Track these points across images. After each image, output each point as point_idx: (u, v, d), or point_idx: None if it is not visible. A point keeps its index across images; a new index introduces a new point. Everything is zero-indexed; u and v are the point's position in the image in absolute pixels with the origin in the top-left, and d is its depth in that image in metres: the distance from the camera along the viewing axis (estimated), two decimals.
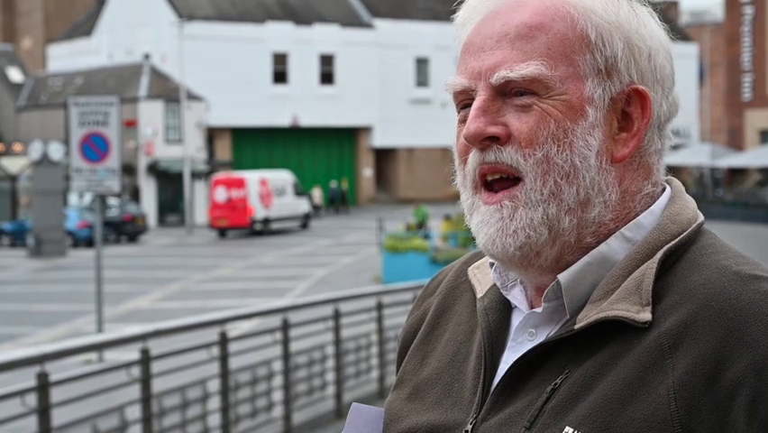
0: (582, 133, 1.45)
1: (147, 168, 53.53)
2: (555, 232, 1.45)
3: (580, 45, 1.46)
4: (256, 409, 10.87)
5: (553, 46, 1.46)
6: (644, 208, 1.48)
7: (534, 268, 1.47)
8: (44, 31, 78.57)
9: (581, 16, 1.47)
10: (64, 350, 8.14)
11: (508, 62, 1.45)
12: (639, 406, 1.34)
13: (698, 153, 60.30)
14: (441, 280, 1.68)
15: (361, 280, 27.56)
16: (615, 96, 1.47)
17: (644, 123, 1.47)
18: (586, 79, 1.46)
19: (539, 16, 1.47)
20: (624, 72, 1.47)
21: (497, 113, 1.46)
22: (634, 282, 1.42)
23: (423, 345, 1.62)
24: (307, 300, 13.13)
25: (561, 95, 1.45)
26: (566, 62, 1.46)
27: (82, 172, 17.05)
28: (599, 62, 1.46)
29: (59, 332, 20.36)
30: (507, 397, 1.44)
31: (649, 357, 1.36)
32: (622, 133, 1.47)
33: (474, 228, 1.48)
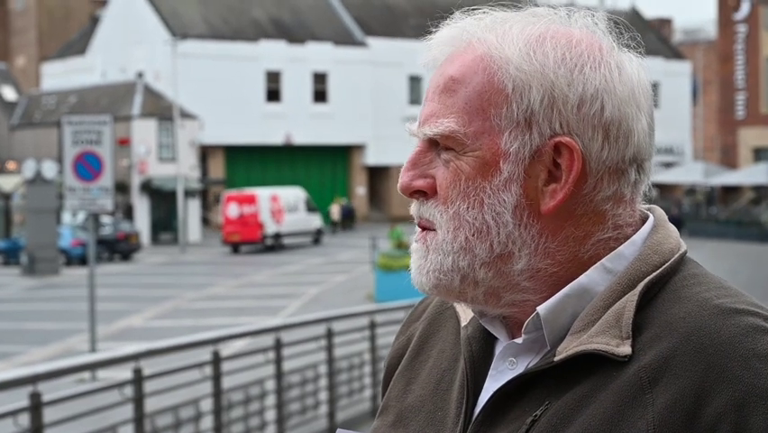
0: (495, 190, 1.43)
1: (140, 186, 53.52)
2: (471, 280, 1.45)
3: (496, 98, 1.44)
4: (249, 428, 10.85)
5: (470, 100, 1.44)
6: (603, 251, 1.45)
7: (472, 304, 1.49)
8: (38, 49, 78.62)
9: (500, 69, 1.44)
10: (57, 370, 8.13)
11: (434, 117, 1.47)
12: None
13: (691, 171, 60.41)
14: (427, 306, 1.68)
15: (354, 299, 27.54)
16: (539, 149, 1.43)
17: (573, 174, 1.42)
18: (502, 133, 1.43)
19: (463, 69, 1.46)
20: (544, 124, 1.43)
21: (428, 165, 1.48)
22: (614, 315, 1.40)
23: (407, 372, 1.61)
24: (300, 320, 13.13)
25: (474, 151, 1.44)
26: (481, 117, 1.44)
27: (75, 191, 17.06)
28: (516, 115, 1.43)
29: (52, 350, 20.32)
30: (487, 427, 1.43)
31: (629, 392, 1.35)
32: (551, 185, 1.43)
33: None
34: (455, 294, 1.47)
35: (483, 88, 1.44)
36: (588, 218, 1.45)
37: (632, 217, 1.48)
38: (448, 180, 1.45)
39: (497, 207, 1.43)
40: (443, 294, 1.49)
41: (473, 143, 1.44)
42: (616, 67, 1.46)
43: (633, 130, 1.45)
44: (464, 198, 1.44)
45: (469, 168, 1.44)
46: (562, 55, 1.44)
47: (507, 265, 1.44)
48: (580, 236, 1.45)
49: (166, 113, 53.68)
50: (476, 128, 1.44)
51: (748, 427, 1.31)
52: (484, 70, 1.45)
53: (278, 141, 60.95)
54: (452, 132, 1.44)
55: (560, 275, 1.44)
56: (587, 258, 1.45)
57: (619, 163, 1.45)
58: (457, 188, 1.45)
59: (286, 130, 60.95)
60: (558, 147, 1.43)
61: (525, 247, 1.43)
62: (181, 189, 50.56)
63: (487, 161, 1.44)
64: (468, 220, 1.44)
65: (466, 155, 1.44)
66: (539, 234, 1.43)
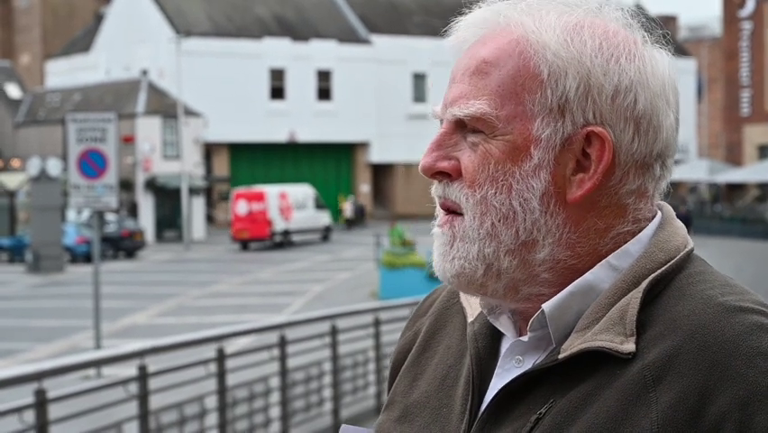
0: (524, 176, 1.42)
1: (145, 183, 53.56)
2: (496, 269, 1.44)
3: (531, 83, 1.42)
4: (253, 425, 10.87)
5: (503, 84, 1.43)
6: (620, 245, 1.45)
7: (489, 296, 1.47)
8: (42, 47, 78.68)
9: (537, 53, 1.43)
10: (62, 367, 8.15)
11: (463, 98, 1.44)
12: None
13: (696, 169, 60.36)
14: (433, 301, 1.67)
15: (358, 297, 27.55)
16: (570, 137, 1.42)
17: (602, 165, 1.42)
18: (534, 119, 1.42)
19: (497, 52, 1.44)
20: (577, 112, 1.42)
21: (453, 147, 1.46)
22: (618, 312, 1.40)
23: (413, 367, 1.61)
24: (304, 317, 13.14)
25: (505, 135, 1.43)
26: (514, 101, 1.42)
27: (80, 189, 17.08)
28: (550, 101, 1.42)
29: (56, 347, 20.35)
30: (492, 425, 1.43)
31: (632, 390, 1.35)
32: (579, 174, 1.43)
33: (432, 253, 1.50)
34: (476, 285, 1.46)
35: (518, 72, 1.43)
36: (610, 211, 1.44)
37: (650, 213, 1.48)
38: (475, 164, 1.44)
39: (524, 193, 1.42)
40: (464, 284, 1.47)
41: (504, 127, 1.43)
42: (649, 60, 1.46)
43: (662, 125, 1.45)
44: (492, 182, 1.43)
45: (498, 152, 1.43)
46: (599, 44, 1.44)
47: (530, 254, 1.43)
48: (601, 229, 1.44)
49: (170, 110, 53.71)
50: (508, 112, 1.43)
51: (752, 425, 1.31)
52: (520, 54, 1.44)
53: (282, 138, 60.96)
54: (483, 114, 1.43)
55: (577, 268, 1.44)
56: (605, 252, 1.45)
57: (647, 158, 1.45)
58: (485, 172, 1.43)
59: (290, 127, 60.97)
60: (589, 137, 1.43)
61: (549, 236, 1.43)
62: (185, 187, 50.58)
63: (517, 146, 1.43)
64: (495, 205, 1.43)
65: (496, 138, 1.43)
66: (564, 223, 1.43)
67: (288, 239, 48.41)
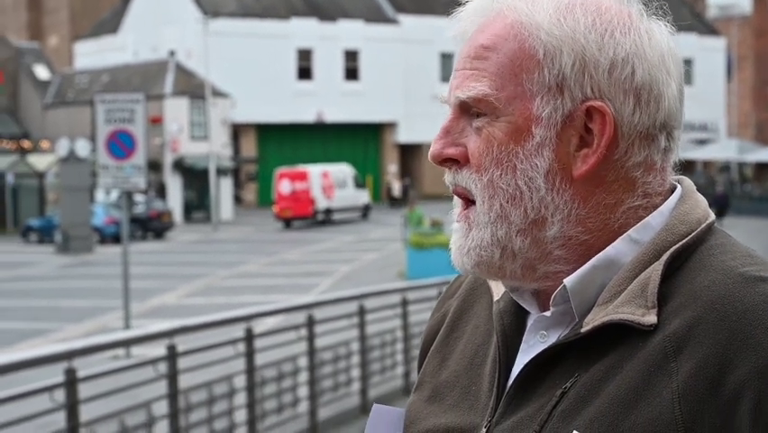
0: (527, 155, 1.45)
1: (173, 164, 53.70)
2: (510, 251, 1.46)
3: (528, 64, 1.45)
4: (282, 404, 10.92)
5: (502, 66, 1.45)
6: (632, 220, 1.46)
7: (509, 279, 1.49)
8: (70, 28, 78.91)
9: (531, 35, 1.45)
10: (92, 346, 8.22)
11: (464, 83, 1.47)
12: (644, 410, 1.34)
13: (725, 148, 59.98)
14: (461, 283, 1.69)
15: (386, 277, 27.58)
16: (570, 113, 1.44)
17: (605, 139, 1.44)
18: (534, 98, 1.45)
19: (494, 37, 1.47)
20: (575, 88, 1.44)
21: (460, 133, 1.49)
22: (639, 285, 1.41)
23: (442, 348, 1.63)
24: (332, 297, 13.17)
25: (506, 116, 1.45)
26: (514, 82, 1.45)
27: (108, 169, 17.14)
28: (548, 80, 1.44)
29: (86, 328, 20.48)
30: (519, 400, 1.45)
31: (653, 361, 1.36)
32: (583, 150, 1.45)
33: None
34: (495, 270, 1.48)
35: (515, 54, 1.46)
36: (618, 185, 1.46)
37: (661, 186, 1.48)
38: (480, 148, 1.47)
39: (529, 172, 1.45)
40: (484, 272, 1.50)
41: (506, 108, 1.45)
42: (645, 32, 1.47)
43: (663, 94, 1.46)
44: (497, 164, 1.45)
45: (501, 134, 1.45)
46: (592, 21, 1.45)
47: (540, 232, 1.45)
48: (610, 204, 1.45)
49: (198, 91, 53.80)
50: (508, 93, 1.45)
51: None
52: (515, 37, 1.46)
53: (309, 119, 60.99)
54: (485, 95, 1.46)
55: (590, 244, 1.45)
56: (617, 227, 1.46)
57: (650, 128, 1.46)
58: (490, 155, 1.46)
59: (317, 108, 60.98)
60: (590, 111, 1.44)
61: (557, 213, 1.45)
62: (213, 168, 50.69)
63: (519, 127, 1.45)
64: (502, 187, 1.45)
65: (498, 121, 1.45)
66: (571, 199, 1.45)
67: (329, 217, 49.63)
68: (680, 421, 1.33)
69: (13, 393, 7.23)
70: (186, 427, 9.26)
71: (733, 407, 1.32)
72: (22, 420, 7.31)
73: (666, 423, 1.33)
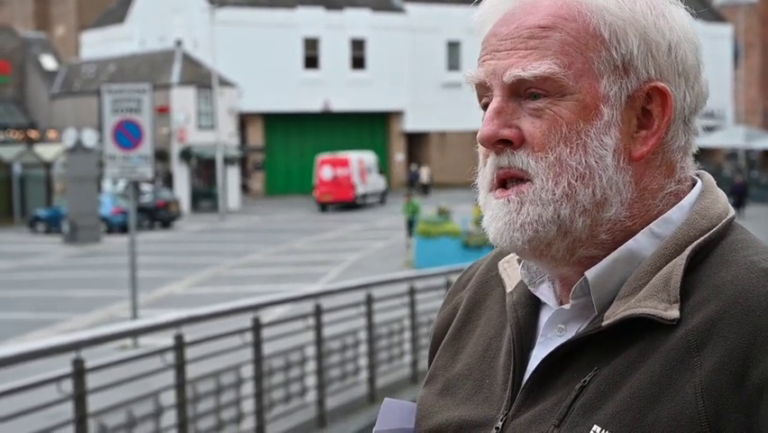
0: (597, 133, 1.43)
1: (180, 154, 53.71)
2: (566, 229, 1.43)
3: (594, 43, 1.44)
4: (290, 394, 10.92)
5: (566, 44, 1.43)
6: (667, 206, 1.46)
7: (546, 259, 1.46)
8: (77, 18, 78.91)
9: (594, 15, 1.44)
10: (99, 337, 8.22)
11: (522, 61, 1.44)
12: (667, 405, 1.33)
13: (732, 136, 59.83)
14: (472, 274, 1.68)
15: (393, 265, 27.58)
16: (632, 94, 1.44)
17: (665, 120, 1.45)
18: (601, 77, 1.43)
19: (552, 17, 1.45)
20: (641, 69, 1.44)
21: (511, 115, 1.45)
22: (662, 279, 1.40)
23: (454, 341, 1.61)
24: (340, 286, 13.16)
25: (574, 94, 1.43)
26: (580, 60, 1.43)
27: (115, 159, 17.14)
28: (615, 59, 1.44)
29: (94, 318, 20.51)
30: (536, 394, 1.44)
31: (676, 355, 1.35)
32: (641, 131, 1.45)
33: (486, 222, 1.48)
34: (542, 248, 1.44)
35: (579, 33, 1.44)
36: (662, 169, 1.47)
37: (689, 172, 1.50)
38: (543, 128, 1.43)
39: (599, 151, 1.43)
40: (533, 248, 1.45)
41: (574, 86, 1.43)
42: (687, 17, 1.50)
43: (701, 77, 1.49)
44: (566, 142, 1.43)
45: (569, 112, 1.43)
46: (648, 3, 1.47)
47: (599, 213, 1.43)
48: (653, 189, 1.46)
49: (204, 81, 53.79)
50: (575, 71, 1.43)
51: None
52: (575, 17, 1.45)
53: (316, 108, 60.96)
54: (553, 73, 1.43)
55: (631, 230, 1.45)
56: (656, 213, 1.46)
57: (691, 113, 1.48)
58: (558, 134, 1.43)
59: (324, 97, 60.95)
60: (650, 93, 1.45)
61: (618, 194, 1.44)
62: (220, 157, 50.70)
63: (587, 105, 1.43)
64: (571, 165, 1.42)
65: (564, 99, 1.43)
66: (630, 181, 1.44)
67: (364, 201, 52.60)
68: (703, 416, 1.32)
69: (21, 384, 7.24)
70: (193, 417, 9.26)
71: (757, 402, 1.31)
72: (30, 411, 7.31)
73: (690, 418, 1.32)
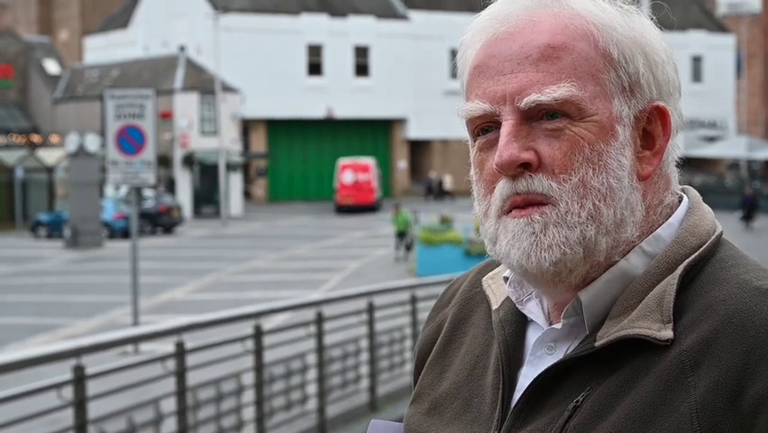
0: (615, 154, 1.42)
1: (182, 159, 53.72)
2: (590, 252, 1.41)
3: (603, 64, 1.43)
4: (290, 401, 10.91)
5: (579, 66, 1.42)
6: (663, 219, 1.46)
7: (563, 285, 1.43)
8: (81, 23, 79.00)
9: (602, 34, 1.43)
10: (100, 343, 8.21)
11: (536, 85, 1.41)
12: (662, 426, 1.32)
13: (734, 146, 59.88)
14: (456, 290, 1.65)
15: (395, 273, 27.57)
16: (638, 115, 1.44)
17: (665, 139, 1.45)
18: (613, 98, 1.43)
19: (561, 36, 1.42)
20: (645, 89, 1.45)
21: (526, 138, 1.42)
22: (654, 299, 1.39)
23: (440, 359, 1.59)
24: (341, 294, 13.15)
25: (592, 116, 1.41)
26: (593, 82, 1.42)
27: (118, 165, 17.13)
28: (624, 80, 1.43)
29: (95, 323, 20.50)
30: (527, 414, 1.42)
31: (670, 376, 1.34)
32: (645, 151, 1.45)
33: (506, 247, 1.42)
34: (568, 270, 1.41)
35: (589, 54, 1.43)
36: (661, 184, 1.48)
37: (677, 185, 1.51)
38: (563, 150, 1.41)
39: (618, 171, 1.42)
40: (558, 271, 1.41)
41: (591, 108, 1.42)
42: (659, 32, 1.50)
43: (681, 91, 1.50)
44: (590, 163, 1.41)
45: (590, 134, 1.41)
46: (644, 23, 1.48)
47: (619, 233, 1.43)
48: (654, 204, 1.47)
49: (208, 86, 53.82)
50: (591, 93, 1.42)
51: None
52: (585, 37, 1.43)
53: (319, 114, 60.99)
54: (572, 96, 1.41)
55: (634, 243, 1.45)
56: (657, 226, 1.46)
57: (679, 126, 1.49)
58: (580, 156, 1.41)
59: (327, 103, 60.97)
60: (651, 113, 1.45)
61: (632, 214, 1.44)
62: (223, 163, 50.71)
63: (604, 126, 1.42)
64: (595, 186, 1.41)
65: (584, 121, 1.41)
66: (640, 200, 1.45)
67: (379, 204, 54.18)
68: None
69: (22, 390, 7.23)
70: (194, 424, 9.24)
71: (752, 421, 1.30)
72: (30, 417, 7.30)
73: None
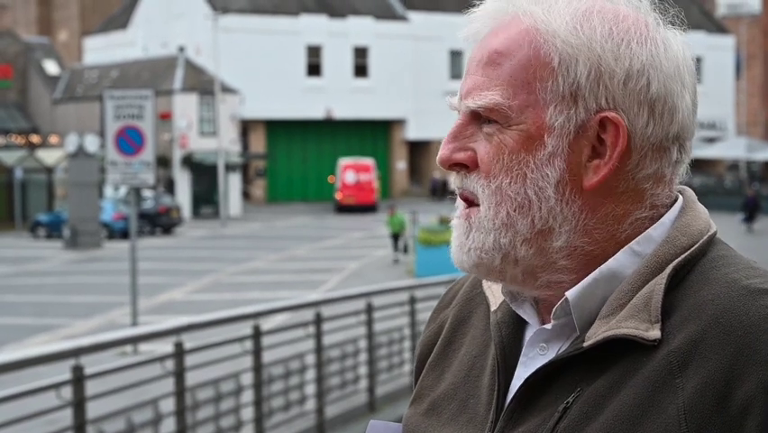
0: (539, 165, 1.42)
1: (181, 160, 53.73)
2: (512, 258, 1.43)
3: (542, 72, 1.42)
4: (289, 402, 10.91)
5: (515, 73, 1.42)
6: (640, 231, 1.44)
7: (508, 282, 1.46)
8: (80, 23, 79.00)
9: (545, 41, 1.42)
10: (99, 343, 8.22)
11: (477, 89, 1.45)
12: (650, 427, 1.32)
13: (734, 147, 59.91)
14: (457, 291, 1.66)
15: (394, 274, 27.57)
16: (583, 123, 1.42)
17: (618, 150, 1.41)
18: (547, 107, 1.42)
19: (508, 42, 1.43)
20: (590, 98, 1.41)
21: (469, 138, 1.46)
22: (642, 299, 1.39)
23: (440, 360, 1.60)
24: (340, 294, 13.16)
25: (518, 124, 1.42)
26: (526, 90, 1.42)
27: (117, 165, 17.14)
28: (562, 89, 1.41)
29: (94, 323, 20.50)
30: (519, 415, 1.43)
31: (658, 377, 1.34)
32: (594, 161, 1.42)
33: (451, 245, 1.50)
34: (495, 273, 1.46)
35: (529, 62, 1.42)
36: (627, 196, 1.43)
37: (668, 198, 1.46)
38: (490, 155, 1.43)
39: (539, 182, 1.42)
40: (483, 273, 1.47)
41: (518, 117, 1.42)
42: (662, 42, 1.44)
43: (677, 107, 1.43)
44: (507, 172, 1.42)
45: (513, 141, 1.42)
46: (609, 30, 1.42)
47: (546, 242, 1.42)
48: (618, 214, 1.43)
49: (207, 87, 53.83)
50: (521, 101, 1.42)
51: None
52: (530, 43, 1.43)
53: (318, 115, 60.99)
54: (496, 104, 1.42)
55: (595, 254, 1.43)
56: (624, 237, 1.43)
57: (663, 141, 1.43)
58: (500, 163, 1.43)
59: (326, 104, 60.98)
60: (603, 122, 1.41)
61: (565, 223, 1.42)
62: (222, 164, 50.72)
63: (531, 135, 1.42)
64: (510, 195, 1.42)
65: (510, 129, 1.42)
66: (580, 210, 1.42)
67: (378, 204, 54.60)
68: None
69: (21, 390, 7.23)
70: (192, 424, 9.25)
71: (740, 422, 1.30)
72: (29, 417, 7.30)
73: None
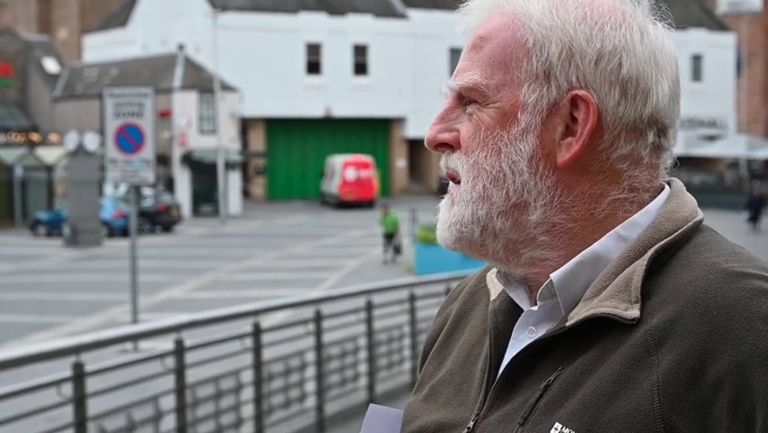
0: (512, 139, 1.49)
1: (181, 158, 53.72)
2: (491, 230, 1.50)
3: (518, 52, 1.50)
4: (289, 399, 10.93)
5: (493, 54, 1.51)
6: (619, 212, 1.48)
7: (491, 258, 1.53)
8: (80, 21, 78.97)
9: (522, 24, 1.50)
10: (99, 340, 8.22)
11: (461, 72, 1.53)
12: (624, 402, 1.36)
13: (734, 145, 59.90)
14: (464, 287, 1.72)
15: (394, 272, 27.59)
16: (556, 102, 1.48)
17: (588, 127, 1.47)
18: (521, 86, 1.49)
19: (490, 27, 1.53)
20: (561, 77, 1.48)
21: (455, 120, 1.54)
22: (623, 280, 1.44)
23: (442, 350, 1.66)
24: (340, 292, 13.18)
25: (495, 102, 1.50)
26: (503, 70, 1.50)
27: (117, 163, 17.15)
28: (536, 68, 1.49)
29: (94, 321, 20.51)
30: (505, 394, 1.47)
31: (635, 354, 1.38)
32: (567, 138, 1.48)
33: None
34: (477, 247, 1.52)
35: (506, 43, 1.51)
36: (603, 176, 1.48)
37: (650, 183, 1.51)
38: (469, 132, 1.52)
39: (513, 156, 1.48)
40: (466, 248, 1.53)
41: (494, 95, 1.50)
42: (638, 30, 1.50)
43: (651, 89, 1.48)
44: (483, 147, 1.50)
45: (489, 118, 1.50)
46: (583, 14, 1.49)
47: (522, 215, 1.49)
48: (595, 194, 1.48)
49: (206, 85, 53.82)
50: (498, 80, 1.50)
51: (750, 387, 1.33)
52: (508, 27, 1.51)
53: (318, 113, 60.98)
54: (474, 83, 1.51)
55: (575, 232, 1.48)
56: (602, 217, 1.48)
57: (637, 122, 1.48)
58: (477, 138, 1.51)
59: (326, 102, 60.97)
60: (575, 100, 1.48)
61: (540, 198, 1.48)
62: (222, 162, 50.72)
63: (506, 112, 1.49)
64: (485, 168, 1.50)
65: (488, 107, 1.50)
66: (554, 186, 1.48)
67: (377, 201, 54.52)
68: (658, 413, 1.35)
69: (21, 387, 7.24)
70: (193, 421, 9.27)
71: (712, 399, 1.34)
72: (29, 414, 7.31)
73: (644, 414, 1.35)
